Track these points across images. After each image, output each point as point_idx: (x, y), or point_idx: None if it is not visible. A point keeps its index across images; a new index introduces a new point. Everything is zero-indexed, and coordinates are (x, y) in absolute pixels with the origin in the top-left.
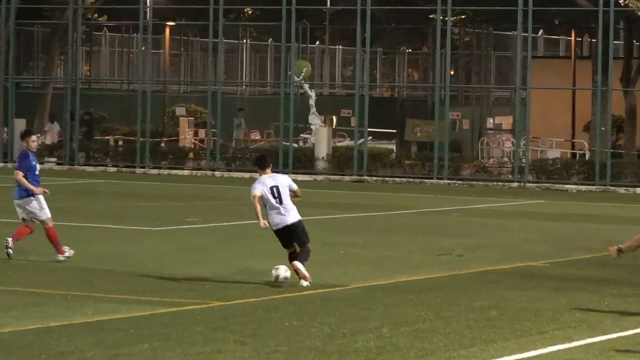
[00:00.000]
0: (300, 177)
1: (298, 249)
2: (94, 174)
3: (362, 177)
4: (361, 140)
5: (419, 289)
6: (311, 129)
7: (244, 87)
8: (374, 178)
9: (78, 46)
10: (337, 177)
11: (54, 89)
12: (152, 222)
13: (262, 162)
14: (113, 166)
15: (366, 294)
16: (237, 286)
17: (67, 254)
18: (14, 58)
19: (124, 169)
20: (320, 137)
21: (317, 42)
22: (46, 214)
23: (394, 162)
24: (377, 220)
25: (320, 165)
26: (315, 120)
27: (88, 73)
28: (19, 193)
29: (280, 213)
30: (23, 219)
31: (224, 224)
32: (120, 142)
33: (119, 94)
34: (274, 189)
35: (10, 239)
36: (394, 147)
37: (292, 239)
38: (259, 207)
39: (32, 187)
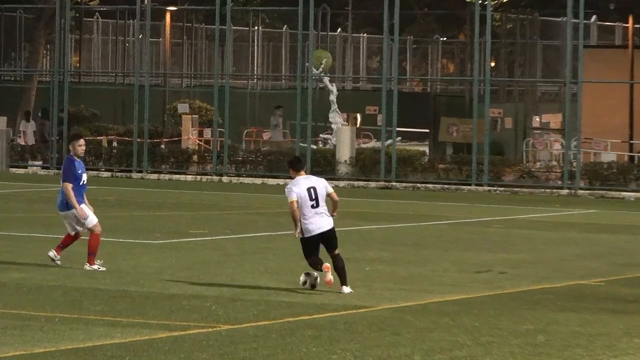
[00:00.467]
0: None
1: (331, 258)
2: None
3: (390, 184)
4: (389, 142)
5: (454, 310)
6: (332, 129)
7: (255, 80)
8: (404, 184)
9: (66, 34)
10: (361, 183)
11: (39, 82)
12: (150, 234)
13: (297, 163)
14: (106, 171)
15: (395, 317)
16: (247, 307)
17: (95, 267)
18: None
19: (118, 174)
20: (343, 138)
21: (339, 30)
22: (92, 220)
23: (426, 166)
24: (407, 232)
25: (343, 169)
26: (336, 118)
27: (78, 65)
28: (61, 203)
29: (315, 218)
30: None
31: (233, 236)
32: (115, 144)
33: (113, 89)
34: (311, 190)
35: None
36: (426, 149)
37: (319, 247)
38: (297, 214)
39: (76, 204)
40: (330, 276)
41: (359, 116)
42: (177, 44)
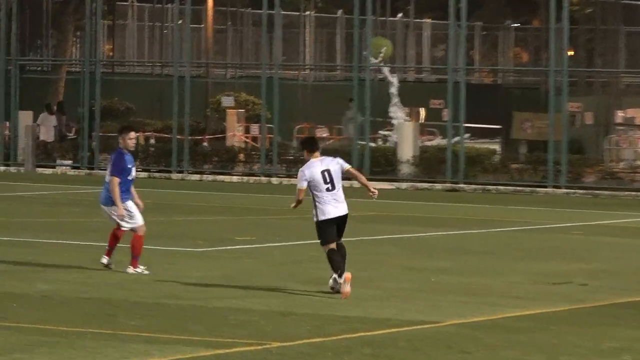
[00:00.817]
0: (378, 185)
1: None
2: None
3: (457, 185)
4: (456, 139)
5: (530, 327)
6: (392, 124)
7: (307, 71)
8: (472, 186)
9: (98, 19)
10: (425, 185)
11: (68, 73)
12: (192, 241)
13: (312, 144)
14: (143, 171)
15: (463, 334)
16: (299, 322)
17: (139, 270)
18: (18, 35)
19: (156, 175)
20: (405, 135)
21: (400, 14)
22: (137, 221)
23: (497, 166)
24: (476, 239)
25: (405, 169)
26: (397, 113)
27: (110, 54)
28: (105, 197)
29: (331, 202)
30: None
31: (283, 243)
32: (152, 141)
33: (150, 80)
34: (325, 173)
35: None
36: (497, 147)
37: (335, 233)
38: (301, 201)
39: (119, 202)
40: (348, 288)
41: (422, 110)
42: (220, 31)
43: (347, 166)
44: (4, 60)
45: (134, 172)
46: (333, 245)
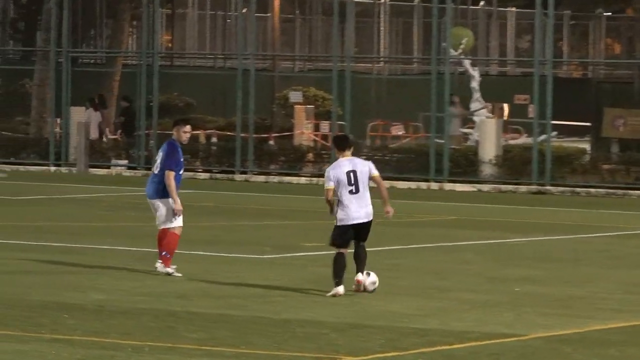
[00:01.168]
0: (458, 187)
1: (355, 247)
2: None
3: (544, 187)
4: (542, 137)
5: (622, 340)
6: (474, 121)
7: (381, 63)
8: (560, 188)
9: (156, 8)
10: (509, 187)
11: (124, 66)
12: (256, 247)
13: (343, 142)
14: (204, 171)
15: (549, 348)
16: (372, 335)
17: (170, 270)
18: (70, 25)
19: (218, 176)
20: (487, 133)
21: (482, 3)
22: (178, 222)
23: (587, 167)
24: (564, 246)
25: (487, 170)
26: (479, 108)
27: (169, 45)
28: (154, 189)
29: (352, 205)
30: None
31: (354, 250)
32: (214, 139)
33: (212, 74)
34: (351, 174)
35: (160, 264)
36: (587, 146)
37: (350, 239)
38: (332, 202)
39: (176, 196)
40: (341, 292)
41: (506, 106)
42: (288, 20)
43: (375, 172)
44: (54, 52)
45: (183, 165)
46: (343, 251)
